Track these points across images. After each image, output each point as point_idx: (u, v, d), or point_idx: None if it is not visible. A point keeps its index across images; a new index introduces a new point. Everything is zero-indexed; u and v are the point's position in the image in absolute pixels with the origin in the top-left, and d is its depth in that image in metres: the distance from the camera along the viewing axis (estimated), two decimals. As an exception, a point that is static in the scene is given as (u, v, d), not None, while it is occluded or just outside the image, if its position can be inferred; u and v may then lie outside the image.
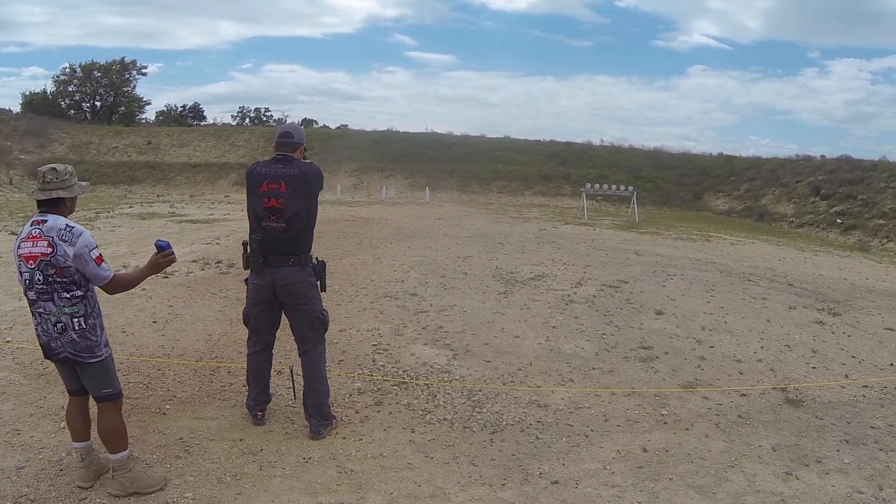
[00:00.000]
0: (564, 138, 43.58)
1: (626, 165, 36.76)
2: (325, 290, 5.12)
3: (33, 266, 3.82)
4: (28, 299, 3.97)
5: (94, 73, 52.78)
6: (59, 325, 3.89)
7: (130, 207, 23.36)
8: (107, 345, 4.12)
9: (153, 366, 6.36)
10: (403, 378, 6.25)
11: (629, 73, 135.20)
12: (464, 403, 5.72)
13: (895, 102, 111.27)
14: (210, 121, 59.52)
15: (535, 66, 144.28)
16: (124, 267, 10.60)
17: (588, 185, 27.19)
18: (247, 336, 5.32)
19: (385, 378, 6.22)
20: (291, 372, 5.51)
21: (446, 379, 6.29)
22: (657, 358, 7.20)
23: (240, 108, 72.39)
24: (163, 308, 8.45)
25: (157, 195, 31.73)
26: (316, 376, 5.00)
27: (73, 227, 3.87)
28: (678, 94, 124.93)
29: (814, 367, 7.22)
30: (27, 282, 3.88)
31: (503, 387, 6.16)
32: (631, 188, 26.62)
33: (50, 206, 3.95)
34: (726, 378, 6.73)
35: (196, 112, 61.74)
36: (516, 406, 5.72)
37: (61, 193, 3.94)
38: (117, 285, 4.08)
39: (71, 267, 3.83)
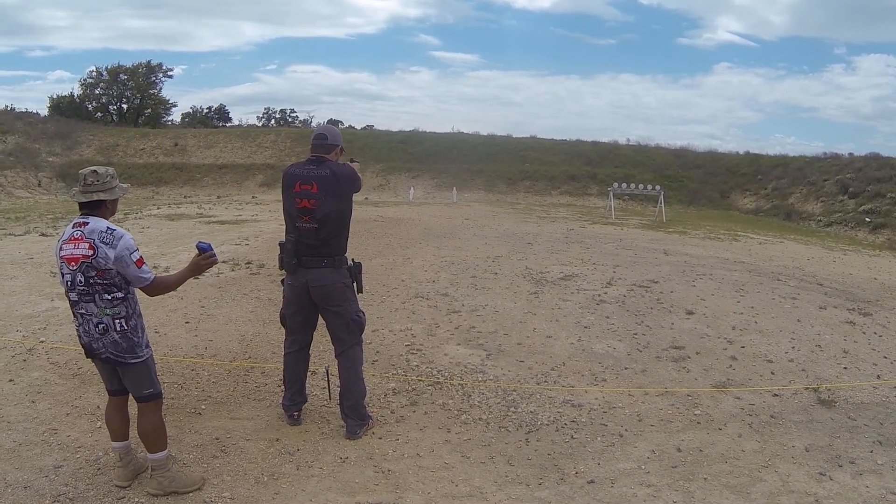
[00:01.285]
0: (589, 137, 43.70)
1: (652, 165, 36.63)
2: (361, 292, 5.15)
3: (75, 268, 3.88)
4: (70, 300, 4.02)
5: (121, 76, 53.32)
6: (100, 326, 3.95)
7: (158, 209, 23.59)
8: (148, 345, 4.18)
9: (187, 366, 6.47)
10: (438, 378, 6.31)
11: (653, 72, 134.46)
12: (498, 403, 5.77)
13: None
14: (236, 122, 60.15)
15: (558, 65, 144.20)
16: (154, 268, 10.72)
17: (615, 185, 27.07)
18: (283, 337, 5.39)
19: (419, 378, 6.29)
20: (327, 372, 5.58)
21: (480, 379, 6.34)
22: (689, 358, 7.20)
23: (265, 109, 72.83)
24: (195, 309, 8.57)
25: (185, 196, 32.02)
26: (352, 377, 5.05)
27: (115, 230, 3.94)
28: (703, 92, 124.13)
29: (845, 368, 7.19)
30: (69, 283, 3.94)
31: (537, 387, 6.20)
32: (658, 187, 26.52)
33: (91, 208, 4.01)
34: (758, 378, 6.72)
35: (221, 113, 62.29)
36: (551, 406, 5.76)
37: (102, 196, 4.00)
38: (158, 287, 4.14)
39: (112, 269, 3.89)
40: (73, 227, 3.97)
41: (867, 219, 23.80)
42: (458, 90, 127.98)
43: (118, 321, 3.97)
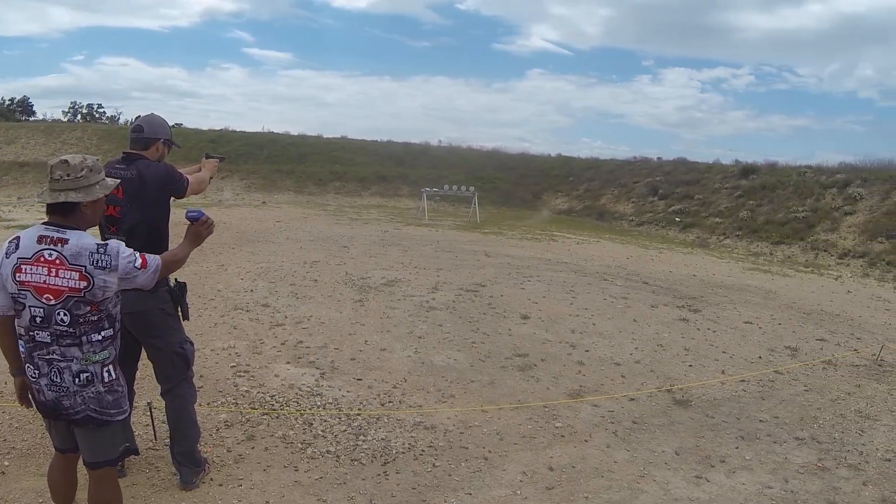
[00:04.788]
0: (401, 139, 44.11)
1: (464, 166, 37.27)
2: (187, 319, 4.43)
3: (54, 302, 2.97)
4: (33, 341, 3.06)
5: (-89, 59, 48.48)
6: (83, 376, 3.08)
7: (-50, 212, 21.13)
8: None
9: (-20, 409, 5.38)
10: (273, 405, 5.73)
11: (467, 76, 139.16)
12: (345, 431, 5.31)
13: (723, 110, 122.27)
14: (40, 116, 56.98)
15: (372, 66, 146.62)
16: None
17: (427, 187, 27.23)
18: None
19: (252, 407, 5.69)
20: (149, 407, 4.85)
21: (319, 403, 5.85)
22: (535, 366, 7.15)
23: (71, 103, 68.35)
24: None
25: (-17, 197, 29.07)
26: (183, 420, 4.36)
27: (107, 246, 3.08)
28: (515, 97, 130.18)
29: (691, 366, 7.46)
30: (37, 319, 3.00)
31: (382, 409, 5.83)
32: (471, 188, 26.89)
33: (63, 213, 3.06)
34: (610, 383, 6.77)
35: (24, 106, 58.76)
36: (402, 430, 5.40)
37: (74, 196, 3.03)
38: (168, 268, 3.46)
39: (110, 297, 3.12)
40: (39, 242, 3.00)
41: (677, 219, 25.36)
42: (271, 89, 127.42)
43: (106, 369, 3.15)
